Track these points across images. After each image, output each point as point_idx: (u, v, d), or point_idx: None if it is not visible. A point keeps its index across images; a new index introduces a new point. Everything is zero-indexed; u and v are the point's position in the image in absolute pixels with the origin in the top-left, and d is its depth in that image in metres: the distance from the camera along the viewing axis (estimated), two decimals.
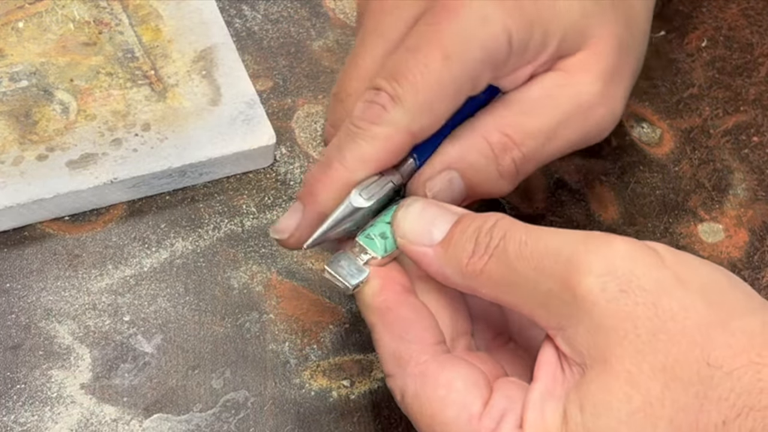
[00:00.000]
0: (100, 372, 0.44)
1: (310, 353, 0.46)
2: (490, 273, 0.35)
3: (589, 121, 0.41)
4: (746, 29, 0.58)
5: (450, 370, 0.35)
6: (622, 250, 0.33)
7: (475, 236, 0.36)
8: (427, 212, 0.38)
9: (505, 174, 0.40)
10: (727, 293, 0.33)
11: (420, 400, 0.35)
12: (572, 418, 0.32)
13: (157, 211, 0.49)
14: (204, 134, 0.50)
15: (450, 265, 0.36)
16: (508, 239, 0.35)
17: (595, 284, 0.32)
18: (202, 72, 0.52)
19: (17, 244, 0.48)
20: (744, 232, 0.51)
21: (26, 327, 0.45)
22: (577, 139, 0.42)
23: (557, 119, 0.40)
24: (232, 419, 0.43)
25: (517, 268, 0.34)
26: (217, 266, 0.48)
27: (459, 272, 0.36)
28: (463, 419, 0.34)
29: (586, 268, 0.33)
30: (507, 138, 0.40)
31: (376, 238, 0.38)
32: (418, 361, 0.36)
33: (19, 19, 0.53)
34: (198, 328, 0.46)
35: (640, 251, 0.33)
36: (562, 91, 0.41)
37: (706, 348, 0.32)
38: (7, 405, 0.43)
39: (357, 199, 0.38)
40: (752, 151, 0.54)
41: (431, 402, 0.35)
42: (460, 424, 0.34)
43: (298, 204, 0.39)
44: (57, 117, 0.50)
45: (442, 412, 0.34)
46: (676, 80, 0.56)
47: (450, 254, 0.36)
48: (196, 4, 0.55)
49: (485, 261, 0.35)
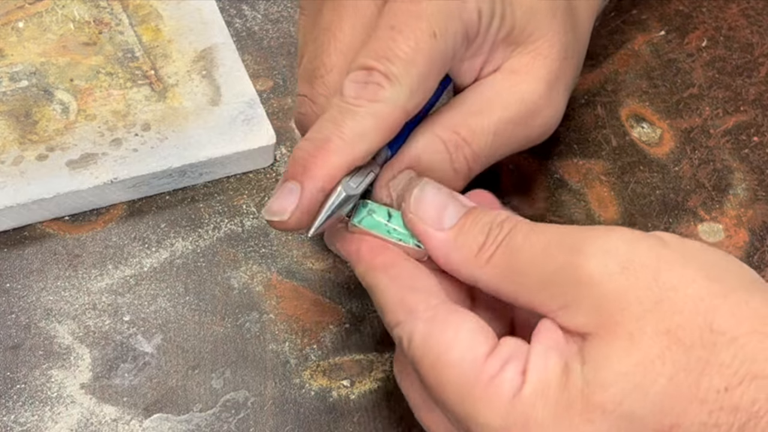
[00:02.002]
0: (100, 372, 0.44)
1: (310, 353, 0.46)
2: (496, 262, 0.36)
3: (535, 122, 0.43)
4: (746, 29, 0.58)
5: (460, 315, 0.36)
6: (624, 235, 0.34)
7: (487, 229, 0.37)
8: (441, 196, 0.39)
9: (459, 171, 0.41)
10: (728, 272, 0.34)
11: (428, 342, 0.35)
12: (573, 370, 0.33)
13: (157, 211, 0.49)
14: (204, 134, 0.50)
15: (459, 252, 0.37)
16: (516, 230, 0.36)
17: (598, 264, 0.34)
18: (202, 72, 0.52)
19: (17, 244, 0.48)
20: (744, 232, 0.51)
21: (26, 327, 0.45)
22: (523, 139, 0.43)
23: (505, 119, 0.42)
24: (232, 419, 0.43)
25: (523, 254, 0.35)
26: (217, 266, 0.48)
27: (466, 261, 0.37)
28: (468, 360, 0.34)
29: (589, 250, 0.34)
30: (458, 136, 0.41)
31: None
32: (428, 305, 0.36)
33: (19, 19, 0.53)
34: (198, 328, 0.46)
35: (640, 235, 0.35)
36: (509, 92, 0.42)
37: (709, 315, 0.32)
38: (7, 405, 0.43)
39: (347, 187, 0.39)
40: (752, 151, 0.54)
41: (438, 343, 0.35)
42: (464, 366, 0.34)
43: (291, 183, 0.38)
44: (57, 117, 0.50)
45: (447, 353, 0.35)
46: (676, 80, 0.56)
47: (460, 242, 0.37)
48: (196, 4, 0.55)
49: (492, 251, 0.36)
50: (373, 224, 0.39)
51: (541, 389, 0.33)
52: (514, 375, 0.34)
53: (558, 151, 0.53)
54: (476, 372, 0.34)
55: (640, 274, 0.33)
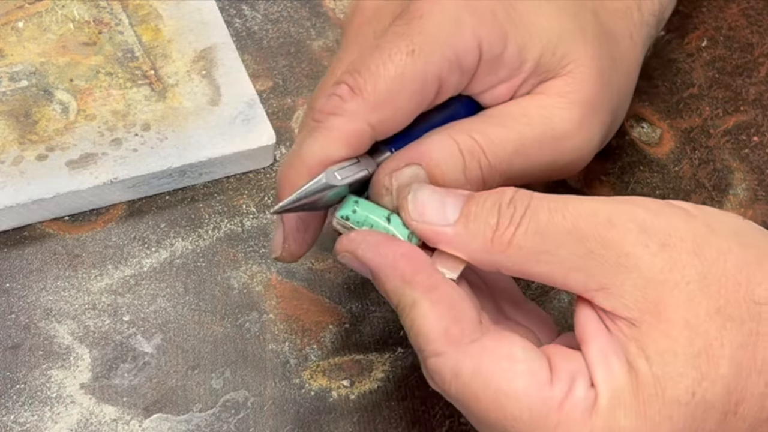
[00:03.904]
0: (100, 372, 0.44)
1: (310, 353, 0.46)
2: (520, 243, 0.35)
3: (562, 148, 0.41)
4: (746, 29, 0.58)
5: (506, 341, 0.35)
6: (653, 209, 0.34)
7: (496, 209, 0.35)
8: (437, 194, 0.37)
9: (471, 179, 0.40)
10: (756, 236, 0.35)
11: (482, 375, 0.34)
12: (641, 369, 0.33)
13: (157, 211, 0.49)
14: (204, 134, 0.50)
15: (475, 240, 0.36)
16: (535, 208, 0.35)
17: (636, 242, 0.33)
18: (202, 72, 0.52)
19: (17, 244, 0.48)
20: None
21: (26, 327, 0.45)
22: (547, 165, 0.41)
23: (529, 137, 0.40)
24: (231, 419, 0.43)
25: (551, 233, 0.34)
26: (217, 266, 0.48)
27: (484, 247, 0.35)
28: (534, 388, 0.34)
29: (625, 227, 0.34)
30: (474, 142, 0.40)
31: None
32: (472, 337, 0.35)
33: (19, 19, 0.53)
34: (198, 328, 0.46)
35: (668, 207, 0.35)
36: (537, 112, 0.41)
37: (749, 286, 0.33)
38: (7, 405, 0.43)
39: (330, 176, 0.38)
40: (752, 151, 0.54)
41: (494, 375, 0.34)
42: (531, 393, 0.34)
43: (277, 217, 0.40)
44: (57, 117, 0.50)
45: (510, 384, 0.34)
46: (676, 80, 0.56)
47: (472, 230, 0.36)
48: (196, 4, 0.55)
49: (512, 232, 0.35)
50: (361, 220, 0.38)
51: (617, 397, 0.33)
52: (584, 391, 0.34)
53: None
54: (546, 399, 0.34)
55: (681, 249, 0.33)
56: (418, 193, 0.37)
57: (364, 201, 0.39)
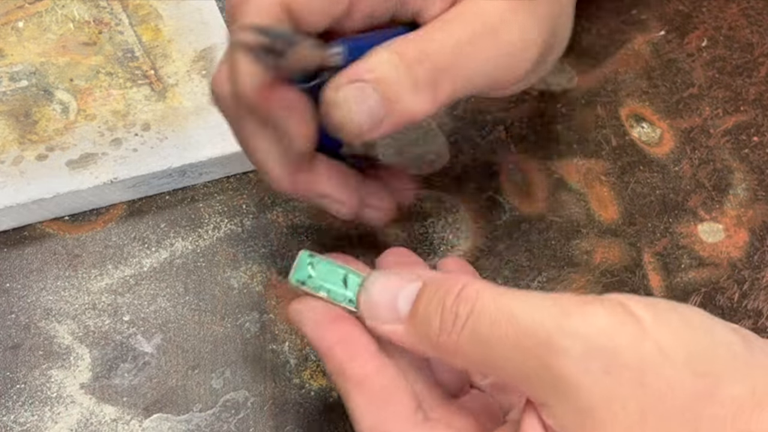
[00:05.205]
0: (100, 372, 0.44)
1: (310, 353, 0.46)
2: (466, 352, 0.34)
3: (499, 42, 0.40)
4: (746, 29, 0.58)
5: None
6: (601, 325, 0.32)
7: (439, 311, 0.34)
8: (390, 285, 0.36)
9: (420, 85, 0.39)
10: (712, 358, 0.32)
11: None
12: None
13: (157, 211, 0.49)
14: (204, 134, 0.50)
15: (422, 341, 0.35)
16: (476, 316, 0.33)
17: (578, 366, 0.31)
18: (202, 72, 0.52)
19: (17, 244, 0.48)
20: (744, 232, 0.51)
21: (26, 327, 0.45)
22: (491, 64, 0.40)
23: (466, 34, 0.40)
24: (231, 419, 0.43)
25: (494, 346, 0.33)
26: (217, 266, 0.48)
27: (432, 348, 0.35)
28: None
29: (566, 349, 0.32)
30: (416, 50, 0.39)
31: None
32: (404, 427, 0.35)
33: (19, 19, 0.53)
34: (198, 328, 0.46)
35: (619, 323, 0.32)
36: (470, 9, 0.40)
37: (695, 424, 0.31)
38: (7, 405, 0.43)
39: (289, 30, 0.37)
40: (752, 151, 0.54)
41: None
42: None
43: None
44: (57, 117, 0.50)
45: None
46: (676, 80, 0.56)
47: (418, 330, 0.35)
48: (196, 4, 0.55)
49: (455, 339, 0.34)
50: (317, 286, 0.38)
51: None
52: None
53: (558, 151, 0.53)
54: None
55: (624, 379, 0.31)
56: (371, 290, 0.37)
57: (318, 260, 0.38)
